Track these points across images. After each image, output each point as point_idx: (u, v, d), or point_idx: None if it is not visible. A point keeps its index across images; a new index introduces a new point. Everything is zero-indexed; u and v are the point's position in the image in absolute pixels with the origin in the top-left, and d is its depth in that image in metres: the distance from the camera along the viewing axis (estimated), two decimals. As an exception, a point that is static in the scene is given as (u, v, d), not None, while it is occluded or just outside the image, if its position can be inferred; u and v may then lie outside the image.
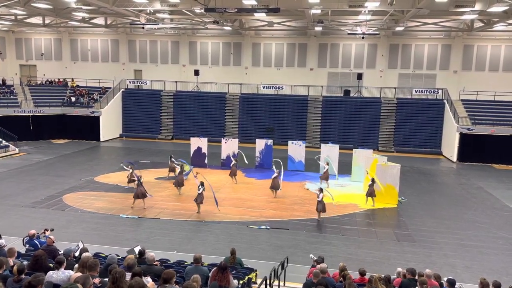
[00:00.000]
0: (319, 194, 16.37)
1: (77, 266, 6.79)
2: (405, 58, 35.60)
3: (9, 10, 29.14)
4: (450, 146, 30.53)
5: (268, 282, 8.60)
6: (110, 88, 36.93)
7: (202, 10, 23.69)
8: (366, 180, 19.77)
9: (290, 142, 25.74)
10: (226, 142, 25.69)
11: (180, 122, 36.28)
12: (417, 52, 35.34)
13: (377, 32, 31.43)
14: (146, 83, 37.51)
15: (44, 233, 10.53)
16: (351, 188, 21.54)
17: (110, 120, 35.13)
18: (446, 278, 8.13)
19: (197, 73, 36.38)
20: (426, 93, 33.71)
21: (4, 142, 28.11)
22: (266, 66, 37.52)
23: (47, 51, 40.74)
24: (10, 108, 32.70)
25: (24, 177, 21.98)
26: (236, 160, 22.89)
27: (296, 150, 25.26)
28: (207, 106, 35.70)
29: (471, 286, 10.02)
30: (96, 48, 40.10)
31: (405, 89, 34.45)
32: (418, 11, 24.33)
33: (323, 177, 21.34)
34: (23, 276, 6.07)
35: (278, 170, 19.99)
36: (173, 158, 22.29)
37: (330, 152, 24.03)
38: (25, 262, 7.07)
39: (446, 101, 32.43)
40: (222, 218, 16.34)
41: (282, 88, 35.05)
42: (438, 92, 33.44)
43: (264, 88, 35.49)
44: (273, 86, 35.31)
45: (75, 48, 40.34)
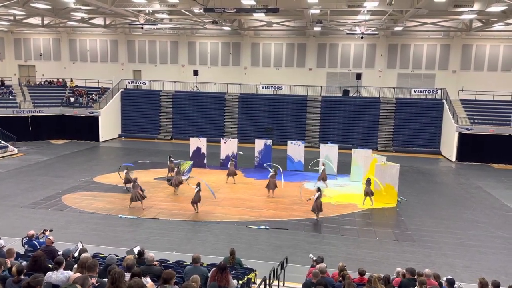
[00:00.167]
0: (315, 194, 16.40)
1: (76, 266, 6.78)
2: (404, 58, 35.63)
3: (8, 11, 29.12)
4: (449, 145, 30.56)
5: (267, 282, 8.61)
6: (109, 88, 36.91)
7: (201, 10, 23.70)
8: (365, 180, 19.78)
9: (289, 142, 25.74)
10: (225, 142, 25.68)
11: (179, 122, 36.25)
12: (416, 52, 35.38)
13: (376, 32, 31.44)
14: (145, 83, 37.49)
15: (43, 233, 10.53)
16: (350, 188, 21.56)
17: (109, 120, 35.10)
18: (445, 278, 8.14)
19: (196, 73, 36.38)
20: (425, 93, 33.73)
21: (3, 142, 28.07)
22: (265, 66, 37.53)
23: (46, 52, 40.70)
24: (9, 108, 32.67)
25: (23, 177, 21.95)
26: (232, 160, 22.75)
27: (295, 150, 25.27)
28: (206, 106, 35.69)
29: (470, 285, 10.02)
30: (95, 48, 40.08)
31: (404, 89, 34.49)
32: (417, 11, 24.34)
33: (321, 177, 21.39)
34: (22, 276, 6.07)
35: (274, 169, 20.03)
36: (172, 158, 22.27)
37: (329, 152, 24.11)
38: (24, 263, 7.07)
39: (445, 101, 32.46)
40: (221, 218, 16.34)
41: (281, 88, 35.06)
42: (437, 92, 33.47)
43: (263, 88, 35.49)
44: (272, 86, 35.31)
45: (74, 48, 40.32)
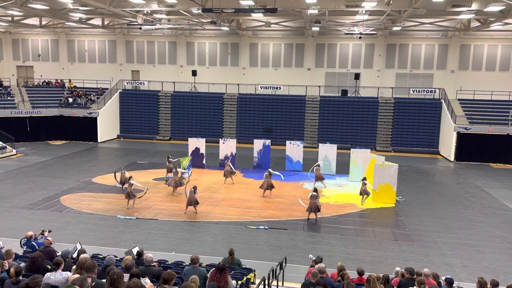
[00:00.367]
0: (309, 193, 16.48)
1: (74, 267, 6.77)
2: (402, 58, 35.67)
3: (5, 11, 29.06)
4: (448, 145, 30.60)
5: (266, 283, 8.60)
6: (107, 89, 36.88)
7: (200, 11, 23.69)
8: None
9: (288, 142, 25.73)
10: (224, 143, 25.67)
11: (178, 122, 36.24)
12: (414, 51, 35.42)
13: (374, 32, 31.47)
14: (144, 84, 37.47)
15: (41, 234, 10.52)
16: (349, 188, 21.55)
17: (108, 121, 35.07)
18: (444, 277, 8.15)
19: (194, 73, 36.37)
20: (423, 92, 33.77)
21: (1, 143, 28.02)
22: (263, 66, 37.54)
23: (44, 52, 40.65)
24: (7, 109, 32.64)
25: (21, 178, 21.91)
26: (228, 162, 22.67)
27: (294, 150, 25.27)
28: (205, 106, 35.68)
29: (469, 285, 10.04)
30: (93, 49, 40.04)
31: (402, 88, 34.55)
32: (415, 11, 24.40)
33: (317, 177, 21.40)
34: (21, 277, 6.06)
35: (270, 170, 20.13)
36: (170, 159, 22.25)
37: (328, 152, 24.13)
38: (22, 264, 7.05)
39: (443, 100, 32.50)
40: (220, 219, 16.33)
41: (280, 88, 35.07)
42: (435, 91, 33.51)
43: (261, 88, 35.50)
44: (270, 86, 35.32)
45: (72, 49, 40.26)
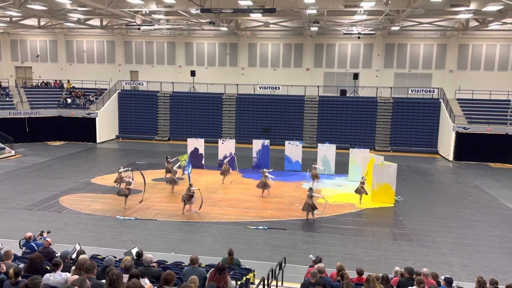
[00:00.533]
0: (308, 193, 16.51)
1: (74, 268, 6.76)
2: (401, 58, 35.70)
3: (4, 12, 29.02)
4: (446, 145, 30.63)
5: (266, 283, 8.60)
6: (106, 89, 36.83)
7: (198, 11, 23.66)
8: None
9: (287, 142, 25.74)
10: (223, 143, 25.66)
11: (176, 123, 36.22)
12: (412, 51, 35.45)
13: (372, 32, 31.49)
14: (143, 84, 37.43)
15: (40, 235, 10.51)
16: (348, 188, 21.54)
17: (107, 121, 35.03)
18: (443, 277, 8.15)
19: (193, 74, 36.35)
20: (422, 92, 33.80)
21: (0, 144, 28.00)
22: (262, 67, 37.53)
23: (43, 53, 40.58)
24: (6, 110, 32.56)
25: (20, 179, 21.88)
26: (226, 163, 22.71)
27: (293, 150, 25.27)
28: (204, 107, 35.67)
29: (468, 284, 10.04)
30: (92, 49, 39.99)
31: (401, 88, 34.57)
32: (413, 11, 24.40)
33: (313, 177, 21.44)
34: (20, 278, 6.04)
35: (262, 170, 20.20)
36: (169, 159, 22.23)
37: (327, 152, 24.13)
38: (21, 265, 7.04)
39: (442, 100, 32.54)
40: (219, 219, 16.33)
41: (279, 88, 35.08)
42: (434, 91, 33.55)
43: (260, 88, 35.51)
44: (269, 87, 35.32)
45: (71, 49, 40.21)
